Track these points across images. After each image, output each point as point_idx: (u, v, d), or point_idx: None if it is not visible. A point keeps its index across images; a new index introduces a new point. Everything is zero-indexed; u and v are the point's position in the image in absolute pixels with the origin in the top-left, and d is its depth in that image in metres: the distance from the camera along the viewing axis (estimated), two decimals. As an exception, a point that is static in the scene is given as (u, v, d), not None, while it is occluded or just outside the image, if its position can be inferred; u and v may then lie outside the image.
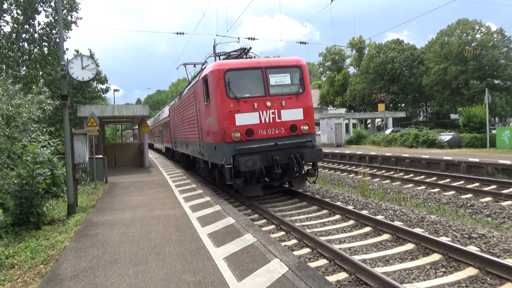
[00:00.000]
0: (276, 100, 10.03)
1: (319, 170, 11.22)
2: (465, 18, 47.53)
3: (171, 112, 21.40)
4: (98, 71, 28.04)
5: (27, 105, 10.74)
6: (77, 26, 21.09)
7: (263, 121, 9.86)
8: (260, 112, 9.87)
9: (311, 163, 10.68)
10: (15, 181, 8.61)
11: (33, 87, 13.93)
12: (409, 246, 6.55)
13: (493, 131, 26.75)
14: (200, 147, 12.61)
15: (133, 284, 4.65)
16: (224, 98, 9.74)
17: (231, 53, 12.42)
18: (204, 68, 11.62)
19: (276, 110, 10.00)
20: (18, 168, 9.00)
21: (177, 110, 18.34)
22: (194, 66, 16.94)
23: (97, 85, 27.34)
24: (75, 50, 22.56)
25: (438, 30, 51.83)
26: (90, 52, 27.25)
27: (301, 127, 10.23)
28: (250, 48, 11.79)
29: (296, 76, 10.51)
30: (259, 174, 9.78)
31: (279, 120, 10.01)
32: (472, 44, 45.18)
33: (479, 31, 46.80)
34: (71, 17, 20.70)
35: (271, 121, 9.93)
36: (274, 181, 10.52)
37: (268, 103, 9.93)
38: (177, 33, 21.70)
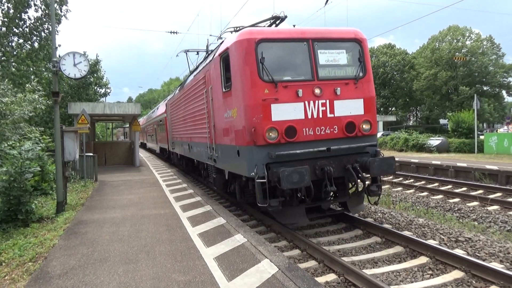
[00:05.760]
0: (327, 87, 7.33)
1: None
2: (456, 25, 48.30)
3: (168, 107, 18.65)
4: (100, 75, 28.17)
5: (19, 103, 10.63)
6: (67, 20, 20.83)
7: (309, 116, 7.17)
8: (306, 102, 7.15)
9: (370, 177, 7.81)
10: (3, 178, 8.52)
11: (27, 84, 13.79)
12: (398, 248, 6.64)
13: (481, 137, 27.19)
14: (211, 151, 9.70)
15: (123, 283, 4.65)
16: (255, 81, 6.99)
17: (257, 25, 9.22)
18: (222, 42, 8.64)
19: (327, 101, 7.30)
20: (6, 164, 8.91)
21: (177, 104, 15.37)
22: (197, 53, 15.55)
23: (96, 88, 27.40)
24: (83, 51, 22.55)
25: (424, 35, 52.69)
26: (96, 57, 27.51)
27: (361, 126, 7.52)
28: (286, 17, 8.67)
29: (354, 54, 7.83)
30: (305, 193, 6.98)
31: (332, 115, 7.33)
32: (462, 50, 45.93)
33: (469, 37, 47.59)
34: (61, 11, 20.51)
35: (321, 116, 7.25)
36: (323, 202, 7.53)
37: (317, 91, 7.23)
38: (171, 32, 21.63)
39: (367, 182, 7.59)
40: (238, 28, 8.85)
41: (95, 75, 28.50)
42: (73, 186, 13.48)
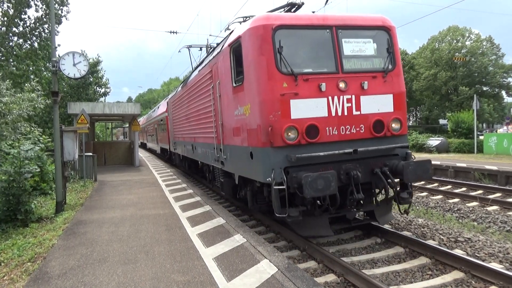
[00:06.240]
0: (353, 80, 6.57)
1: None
2: (456, 25, 48.30)
3: (170, 105, 17.79)
4: (100, 75, 28.39)
5: (18, 102, 10.63)
6: (68, 20, 21.00)
7: (333, 113, 6.41)
8: (330, 98, 6.39)
9: (398, 183, 6.99)
10: (3, 178, 8.52)
11: (26, 84, 13.81)
12: (397, 249, 6.63)
13: (481, 137, 27.21)
14: (218, 152, 8.85)
15: (122, 283, 4.64)
16: (273, 73, 6.22)
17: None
18: (232, 32, 7.89)
19: (353, 96, 6.53)
20: (5, 164, 8.91)
21: (179, 102, 14.45)
22: (200, 49, 15.32)
23: (96, 88, 27.57)
24: (81, 50, 22.76)
25: (424, 35, 52.65)
26: (97, 58, 27.90)
27: (390, 125, 6.76)
28: (303, 3, 7.71)
29: (382, 43, 7.03)
30: (330, 201, 6.16)
31: (358, 113, 6.56)
32: (462, 50, 45.93)
33: (469, 38, 47.60)
34: (61, 11, 20.57)
35: (346, 113, 6.49)
36: (348, 211, 6.65)
37: (342, 85, 6.46)
38: (171, 32, 21.64)
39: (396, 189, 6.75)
40: (247, 18, 7.83)
41: (95, 75, 28.60)
42: (72, 186, 13.47)
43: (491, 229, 8.69)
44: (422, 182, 14.93)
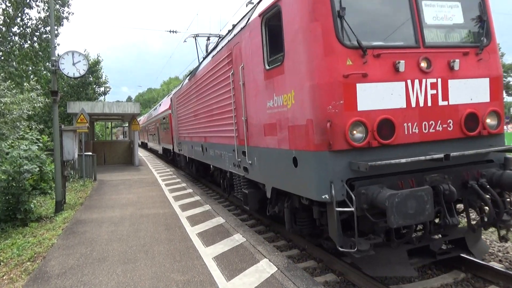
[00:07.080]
0: (438, 58, 4.83)
1: None
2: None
3: (174, 102, 15.87)
4: (99, 75, 28.62)
5: (17, 102, 10.64)
6: (69, 22, 21.02)
7: (413, 104, 4.68)
8: (409, 82, 4.67)
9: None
10: (2, 177, 8.52)
11: (25, 84, 13.81)
12: (397, 248, 6.62)
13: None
14: (239, 155, 7.11)
15: (122, 283, 4.64)
16: (332, 45, 4.45)
17: None
18: (260, 0, 6.16)
19: (439, 80, 4.81)
20: (4, 164, 8.91)
21: (186, 97, 12.64)
22: (208, 39, 14.43)
23: (95, 87, 27.71)
24: (84, 49, 22.77)
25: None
26: (97, 58, 28.22)
27: (486, 120, 5.05)
28: None
29: (473, 9, 5.26)
30: (417, 227, 4.94)
31: (445, 103, 4.84)
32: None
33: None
34: (63, 13, 20.56)
35: (430, 103, 4.77)
36: (428, 239, 5.01)
37: (423, 64, 4.73)
38: (170, 31, 21.62)
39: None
40: None
41: (94, 74, 28.68)
42: (72, 185, 13.47)
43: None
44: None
